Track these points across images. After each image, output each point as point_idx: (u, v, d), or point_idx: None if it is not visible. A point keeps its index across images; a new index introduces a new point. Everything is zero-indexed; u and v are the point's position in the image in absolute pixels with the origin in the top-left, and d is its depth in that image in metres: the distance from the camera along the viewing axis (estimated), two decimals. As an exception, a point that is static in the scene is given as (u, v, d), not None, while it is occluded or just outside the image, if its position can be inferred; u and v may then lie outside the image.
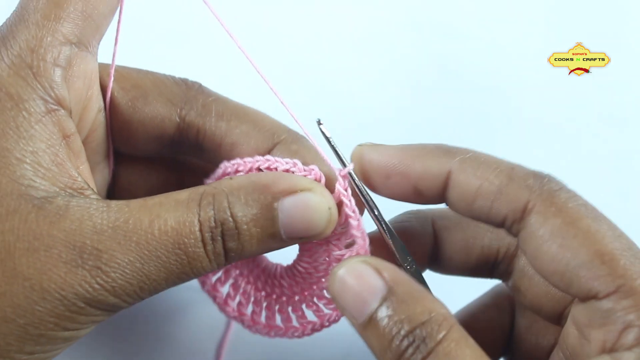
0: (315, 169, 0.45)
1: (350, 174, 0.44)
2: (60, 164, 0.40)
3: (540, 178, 0.42)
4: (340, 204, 0.45)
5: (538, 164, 0.44)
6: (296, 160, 0.45)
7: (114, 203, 0.40)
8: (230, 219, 0.40)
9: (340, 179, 0.44)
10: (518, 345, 0.53)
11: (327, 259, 0.47)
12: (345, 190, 0.44)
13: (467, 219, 0.46)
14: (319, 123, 0.45)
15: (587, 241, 0.39)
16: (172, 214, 0.40)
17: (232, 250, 0.41)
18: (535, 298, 0.49)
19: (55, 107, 0.40)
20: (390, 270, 0.41)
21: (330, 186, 0.45)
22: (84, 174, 0.42)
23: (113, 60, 0.47)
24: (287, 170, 0.45)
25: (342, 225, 0.45)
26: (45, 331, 0.38)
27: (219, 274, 0.49)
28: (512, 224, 0.42)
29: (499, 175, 0.42)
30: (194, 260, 0.40)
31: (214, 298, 0.49)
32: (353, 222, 0.44)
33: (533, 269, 0.42)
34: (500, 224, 0.43)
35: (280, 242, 0.42)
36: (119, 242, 0.38)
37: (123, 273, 0.38)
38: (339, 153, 0.45)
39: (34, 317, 0.38)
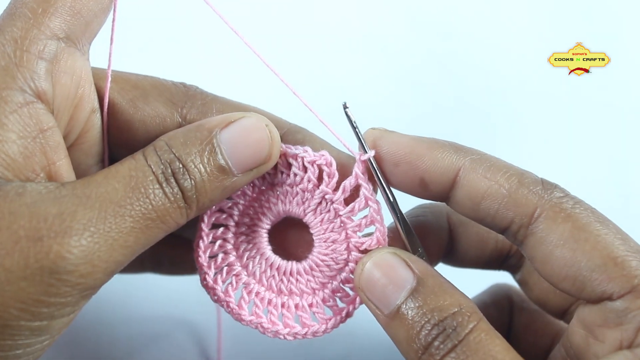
0: (325, 154, 0.45)
1: (370, 160, 0.45)
2: (28, 157, 0.39)
3: (549, 186, 0.42)
4: (358, 187, 0.45)
5: (538, 164, 0.45)
6: (307, 147, 0.46)
7: (67, 182, 0.40)
8: (175, 157, 0.41)
9: (359, 162, 0.45)
10: (516, 344, 0.52)
11: (346, 249, 0.47)
12: (363, 174, 0.45)
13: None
14: (345, 107, 0.45)
15: (598, 245, 0.39)
16: (123, 166, 0.40)
17: (187, 190, 0.41)
18: (542, 293, 0.49)
19: (34, 100, 0.40)
20: (419, 262, 0.42)
21: (342, 170, 0.45)
22: (60, 170, 0.41)
23: (109, 61, 0.46)
24: (295, 156, 0.45)
25: (361, 209, 0.46)
26: (9, 320, 0.36)
27: (229, 279, 0.48)
28: (518, 229, 0.42)
29: (509, 179, 0.42)
30: (156, 202, 0.40)
31: (227, 305, 0.47)
32: (372, 205, 0.45)
33: (541, 275, 0.42)
34: (504, 229, 0.43)
35: (232, 177, 0.42)
36: (80, 203, 0.38)
37: (89, 233, 0.37)
38: (362, 139, 0.45)
39: None
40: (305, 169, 0.46)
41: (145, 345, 0.67)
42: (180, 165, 0.41)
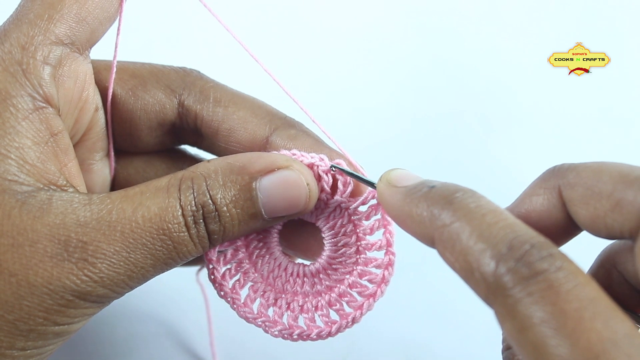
0: (341, 163, 0.45)
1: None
2: (45, 161, 0.40)
3: None
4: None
5: (537, 164, 0.44)
6: (323, 156, 0.45)
7: (95, 196, 0.40)
8: (210, 201, 0.41)
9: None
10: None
11: (355, 252, 0.47)
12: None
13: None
14: (333, 169, 0.45)
15: None
16: (154, 201, 0.40)
17: (214, 233, 0.41)
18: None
19: (43, 105, 0.40)
20: None
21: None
22: (71, 171, 0.42)
23: (114, 63, 0.47)
24: (311, 165, 0.45)
25: (375, 213, 0.46)
26: (35, 326, 0.38)
27: (237, 276, 0.48)
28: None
29: None
30: (179, 244, 0.40)
31: (233, 301, 0.47)
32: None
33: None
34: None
35: (262, 221, 0.43)
36: (103, 233, 0.38)
37: (110, 263, 0.38)
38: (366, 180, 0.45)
39: (23, 312, 0.38)
40: (319, 178, 0.45)
41: (144, 344, 0.67)
42: (214, 209, 0.41)
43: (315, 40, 0.82)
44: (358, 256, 0.47)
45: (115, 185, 0.52)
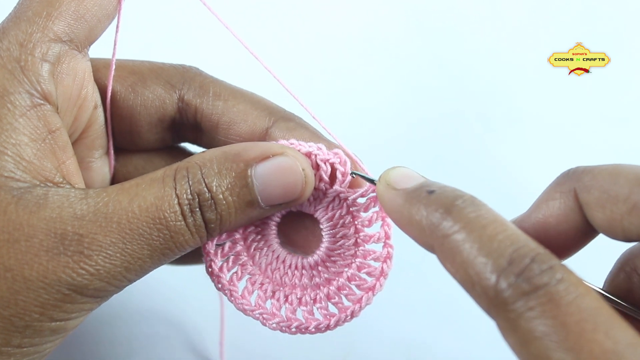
0: (339, 153, 0.45)
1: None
2: (42, 158, 0.40)
3: None
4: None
5: (538, 164, 0.44)
6: (321, 145, 0.45)
7: (91, 190, 0.40)
8: (205, 189, 0.41)
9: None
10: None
11: (354, 244, 0.47)
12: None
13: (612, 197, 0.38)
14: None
15: None
16: (150, 191, 0.40)
17: (211, 222, 0.41)
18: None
19: (41, 102, 0.40)
20: None
21: (353, 166, 0.45)
22: (69, 168, 0.42)
23: (113, 60, 0.47)
24: (309, 154, 0.45)
25: (374, 204, 0.46)
26: (31, 322, 0.38)
27: (235, 268, 0.47)
28: None
29: None
30: (176, 233, 0.40)
31: (230, 294, 0.47)
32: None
33: None
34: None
35: (259, 209, 0.42)
36: (100, 225, 0.38)
37: (106, 255, 0.38)
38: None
39: (18, 308, 0.38)
40: (317, 167, 0.45)
41: (145, 344, 0.67)
42: (209, 197, 0.41)
43: (314, 40, 0.82)
44: (356, 248, 0.47)
45: (115, 183, 0.52)
